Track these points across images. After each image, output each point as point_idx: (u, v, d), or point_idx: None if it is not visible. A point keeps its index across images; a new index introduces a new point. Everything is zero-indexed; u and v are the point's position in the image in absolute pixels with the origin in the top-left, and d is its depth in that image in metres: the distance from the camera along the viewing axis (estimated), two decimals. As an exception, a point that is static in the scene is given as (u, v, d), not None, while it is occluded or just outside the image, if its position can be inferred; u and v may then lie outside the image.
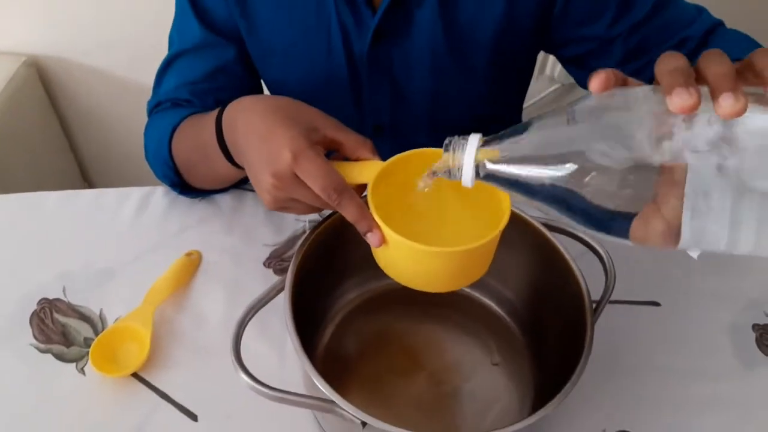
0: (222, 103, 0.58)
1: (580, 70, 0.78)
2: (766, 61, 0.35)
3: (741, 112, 0.32)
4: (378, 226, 0.46)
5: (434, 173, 0.44)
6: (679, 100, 0.33)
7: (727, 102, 0.32)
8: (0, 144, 1.26)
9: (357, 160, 0.51)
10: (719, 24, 0.73)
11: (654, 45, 0.71)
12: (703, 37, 0.71)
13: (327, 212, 0.54)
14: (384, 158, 0.50)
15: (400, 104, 0.75)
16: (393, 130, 0.78)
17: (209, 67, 0.73)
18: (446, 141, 0.42)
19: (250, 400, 0.56)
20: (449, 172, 0.42)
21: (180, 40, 0.74)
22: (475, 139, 0.41)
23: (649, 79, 0.38)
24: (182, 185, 0.72)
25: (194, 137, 0.64)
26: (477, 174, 0.41)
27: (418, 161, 0.49)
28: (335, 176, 0.48)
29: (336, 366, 0.59)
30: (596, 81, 0.37)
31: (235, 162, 0.58)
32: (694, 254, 0.38)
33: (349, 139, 0.51)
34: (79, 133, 1.56)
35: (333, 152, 0.53)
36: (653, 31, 0.71)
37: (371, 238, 0.47)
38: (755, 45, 0.69)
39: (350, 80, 0.73)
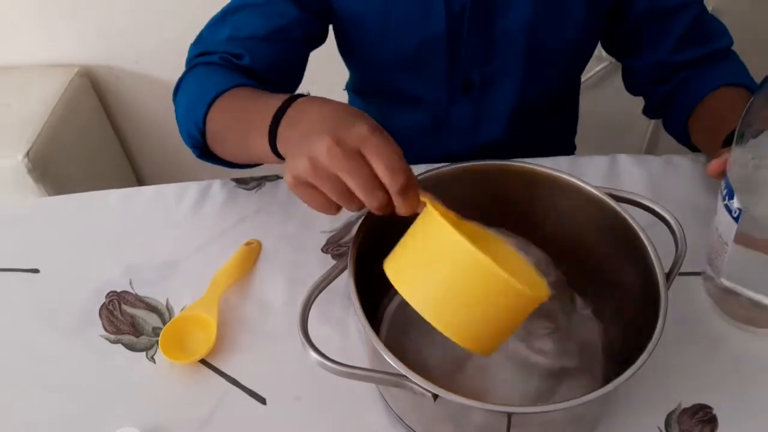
0: (275, 67, 0.57)
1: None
2: None
3: None
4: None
5: None
6: None
7: None
8: (58, 151, 1.31)
9: None
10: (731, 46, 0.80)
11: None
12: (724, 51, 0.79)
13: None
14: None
15: (494, 58, 0.76)
16: (482, 87, 0.79)
17: (270, 26, 0.72)
18: None
19: (316, 382, 0.57)
20: None
21: None
22: None
23: None
24: (203, 149, 0.70)
25: (242, 109, 0.62)
26: None
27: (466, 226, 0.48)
28: (405, 161, 0.46)
29: (398, 344, 0.59)
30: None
31: (277, 149, 0.55)
32: None
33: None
34: (131, 138, 1.61)
35: None
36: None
37: None
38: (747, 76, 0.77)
39: (447, 37, 0.73)
